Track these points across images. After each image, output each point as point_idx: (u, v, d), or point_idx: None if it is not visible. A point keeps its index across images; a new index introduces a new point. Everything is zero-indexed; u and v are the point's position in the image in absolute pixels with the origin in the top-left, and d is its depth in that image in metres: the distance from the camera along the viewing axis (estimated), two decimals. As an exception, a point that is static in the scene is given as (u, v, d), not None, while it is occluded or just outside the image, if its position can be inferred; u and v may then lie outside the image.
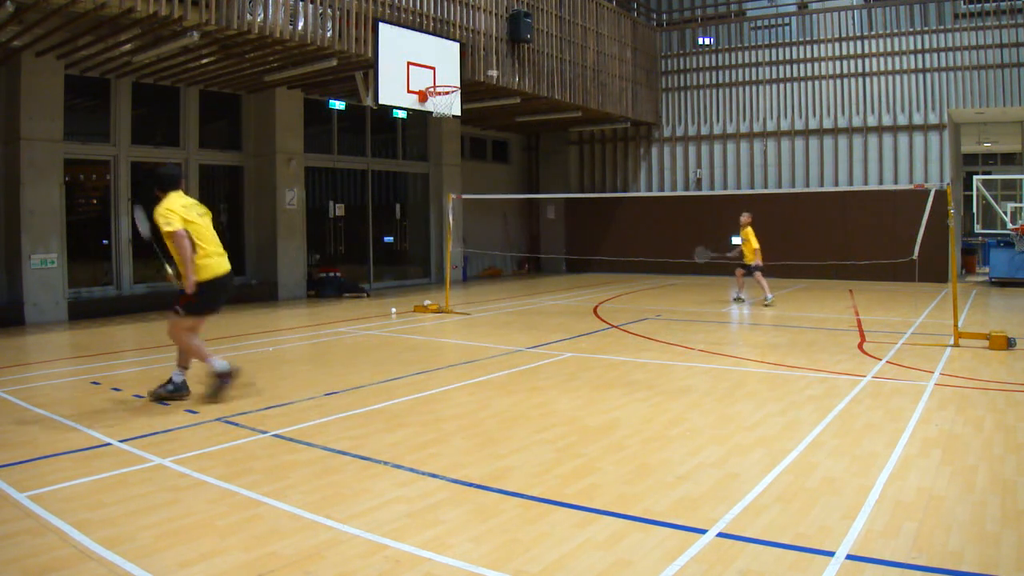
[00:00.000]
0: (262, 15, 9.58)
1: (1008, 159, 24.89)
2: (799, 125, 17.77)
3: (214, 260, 5.98)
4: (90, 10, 8.32)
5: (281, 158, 13.99)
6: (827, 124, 17.45)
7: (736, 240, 17.93)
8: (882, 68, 16.91)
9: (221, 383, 5.94)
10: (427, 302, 12.08)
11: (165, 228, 5.74)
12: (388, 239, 17.51)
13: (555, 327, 10.06)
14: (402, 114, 14.63)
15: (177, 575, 2.97)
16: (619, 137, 20.03)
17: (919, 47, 16.53)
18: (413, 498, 3.79)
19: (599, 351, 8.17)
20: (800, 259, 16.79)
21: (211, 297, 6.06)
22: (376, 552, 3.15)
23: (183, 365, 6.05)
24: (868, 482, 3.90)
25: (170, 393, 5.94)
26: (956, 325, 8.33)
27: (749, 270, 12.72)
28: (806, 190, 16.77)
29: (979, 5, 16.03)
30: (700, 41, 19.57)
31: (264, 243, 14.16)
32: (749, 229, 12.67)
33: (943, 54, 16.32)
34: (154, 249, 6.11)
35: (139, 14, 8.43)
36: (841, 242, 16.69)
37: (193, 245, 5.88)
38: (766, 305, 12.30)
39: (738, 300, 13.08)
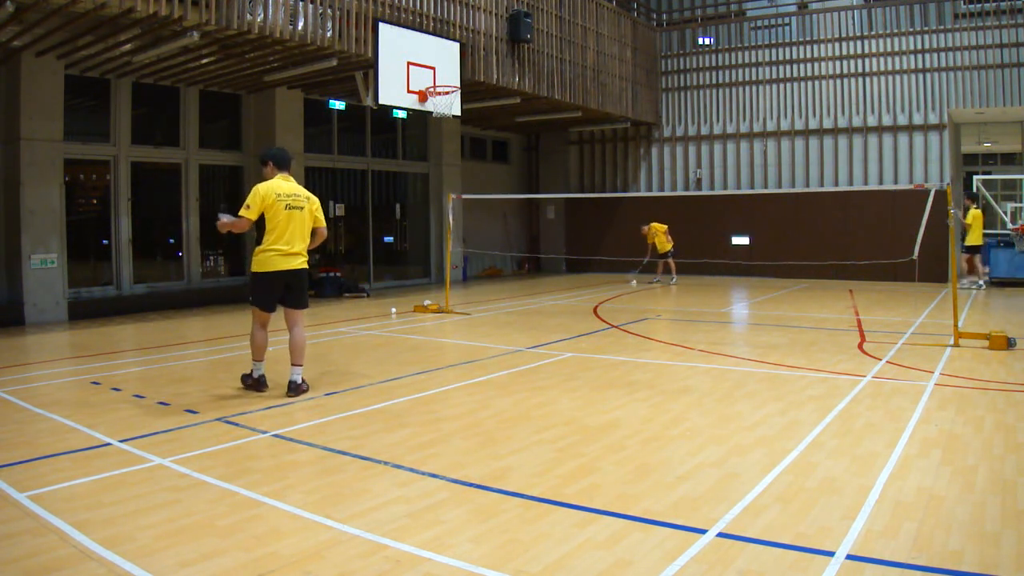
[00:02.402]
0: (262, 15, 9.58)
1: (1008, 159, 24.91)
2: (799, 125, 17.77)
3: (272, 256, 6.01)
4: (90, 10, 8.32)
5: (281, 158, 13.96)
6: (827, 124, 17.44)
7: (736, 240, 18.04)
8: (882, 68, 16.90)
9: (244, 382, 6.32)
10: (427, 302, 12.08)
11: (241, 208, 6.01)
12: (388, 239, 17.51)
13: (555, 327, 10.06)
14: (402, 114, 14.63)
15: (177, 575, 2.97)
16: (619, 137, 20.03)
17: (919, 47, 16.52)
18: (413, 498, 3.79)
19: (599, 351, 8.17)
20: (800, 259, 16.79)
21: (260, 291, 6.13)
22: (376, 552, 3.15)
23: (293, 363, 6.18)
24: (868, 482, 3.90)
25: (293, 389, 6.13)
26: (956, 325, 8.33)
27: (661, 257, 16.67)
28: (806, 190, 16.75)
29: (979, 5, 16.03)
30: (700, 41, 19.57)
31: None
32: (653, 230, 16.51)
33: (943, 54, 16.32)
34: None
35: (139, 14, 8.43)
36: (841, 242, 16.70)
37: (262, 235, 6.02)
38: (644, 281, 16.63)
39: (656, 282, 16.53)
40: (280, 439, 4.88)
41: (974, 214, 14.45)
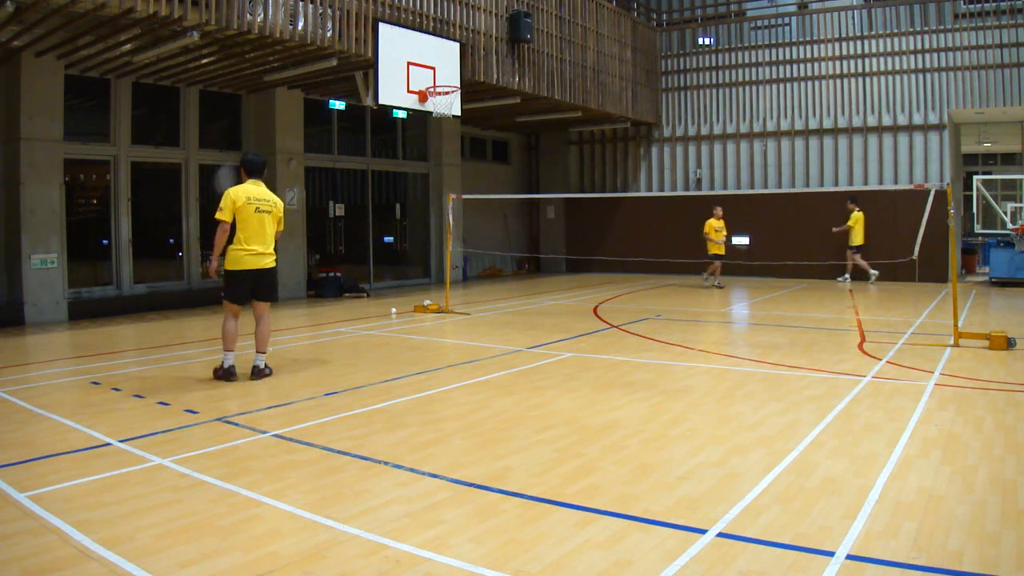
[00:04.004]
0: (262, 15, 9.58)
1: (1008, 159, 24.89)
2: (799, 125, 17.77)
3: (243, 255, 6.61)
4: (90, 10, 8.33)
5: (281, 158, 13.99)
6: (827, 124, 17.44)
7: (736, 240, 17.99)
8: (882, 68, 16.90)
9: (215, 374, 6.77)
10: (427, 302, 12.08)
11: (216, 213, 6.63)
12: (388, 239, 17.51)
13: (555, 327, 10.06)
14: (402, 114, 14.63)
15: (177, 575, 2.97)
16: (619, 137, 20.03)
17: (919, 47, 16.52)
18: (413, 498, 3.79)
19: (599, 351, 8.17)
20: (800, 259, 16.79)
21: (233, 287, 6.73)
22: (376, 552, 3.15)
23: (257, 350, 6.82)
24: (868, 482, 3.90)
25: (256, 374, 6.73)
26: (956, 325, 8.33)
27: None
28: (806, 190, 16.75)
29: (979, 5, 16.03)
30: (700, 41, 19.57)
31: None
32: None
33: (943, 54, 16.32)
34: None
35: (139, 14, 8.44)
36: (841, 242, 16.68)
37: (234, 235, 6.60)
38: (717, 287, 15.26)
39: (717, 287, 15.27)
40: (280, 439, 4.88)
41: (856, 216, 15.52)
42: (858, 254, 15.82)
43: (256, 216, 6.60)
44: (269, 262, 6.74)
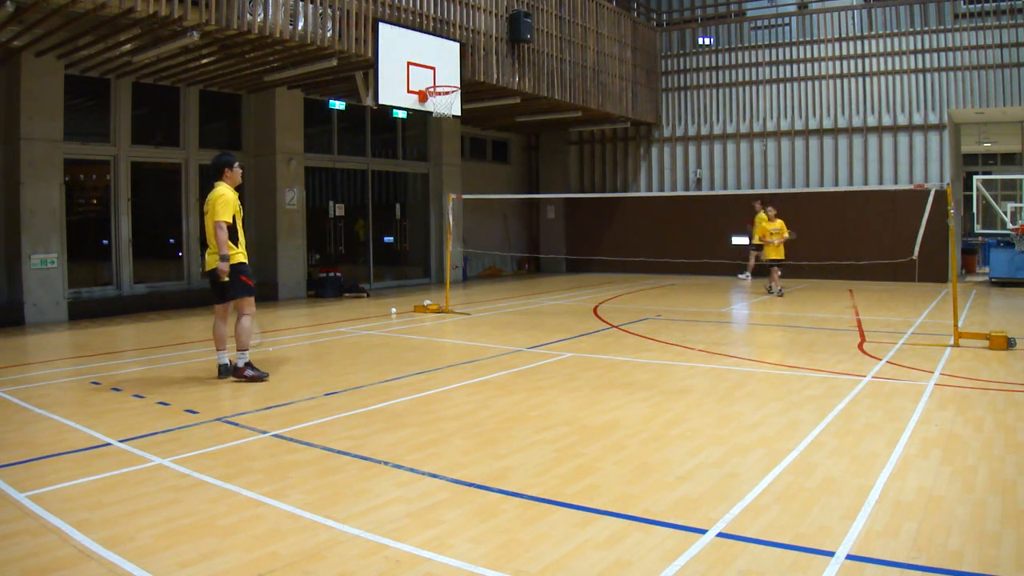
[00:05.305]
0: (262, 15, 9.58)
1: (1008, 159, 24.89)
2: (799, 125, 17.77)
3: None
4: (90, 10, 8.33)
5: (281, 158, 13.99)
6: (827, 124, 17.44)
7: (736, 240, 17.93)
8: (882, 68, 16.90)
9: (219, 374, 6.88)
10: (427, 302, 12.08)
11: None
12: (388, 239, 17.51)
13: (555, 327, 10.06)
14: (402, 114, 14.64)
15: (177, 575, 2.97)
16: (619, 137, 20.03)
17: (919, 47, 16.52)
18: (413, 498, 3.79)
19: (599, 351, 8.17)
20: (800, 259, 16.79)
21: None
22: (376, 552, 3.15)
23: (238, 348, 6.83)
24: (868, 482, 3.90)
25: (234, 372, 6.81)
26: (956, 325, 8.33)
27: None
28: (806, 190, 16.74)
29: (979, 5, 16.03)
30: (700, 41, 19.57)
31: (264, 243, 14.17)
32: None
33: (943, 54, 16.32)
34: None
35: (139, 14, 8.44)
36: (841, 242, 16.69)
37: None
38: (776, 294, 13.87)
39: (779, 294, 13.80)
40: (280, 439, 4.88)
41: (761, 217, 15.42)
42: (756, 252, 15.78)
43: (206, 220, 6.74)
44: (211, 262, 6.67)
